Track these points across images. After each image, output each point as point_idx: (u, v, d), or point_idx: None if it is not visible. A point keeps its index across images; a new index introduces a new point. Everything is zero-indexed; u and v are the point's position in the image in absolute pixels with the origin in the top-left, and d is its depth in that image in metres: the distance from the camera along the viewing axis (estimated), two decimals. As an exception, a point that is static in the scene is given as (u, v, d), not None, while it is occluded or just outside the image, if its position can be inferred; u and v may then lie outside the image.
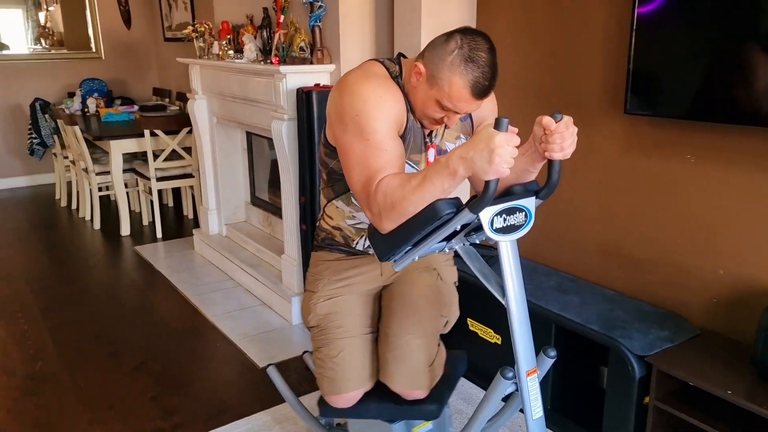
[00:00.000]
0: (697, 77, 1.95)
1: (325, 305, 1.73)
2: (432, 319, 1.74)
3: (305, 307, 1.78)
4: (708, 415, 1.81)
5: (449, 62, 1.38)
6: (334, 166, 1.61)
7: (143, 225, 4.79)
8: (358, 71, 1.53)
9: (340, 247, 1.76)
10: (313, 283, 1.79)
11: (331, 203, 1.69)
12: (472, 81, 1.38)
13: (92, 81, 5.79)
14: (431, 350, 1.71)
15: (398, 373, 1.65)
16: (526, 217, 1.40)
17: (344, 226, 1.70)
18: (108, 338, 2.97)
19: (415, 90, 1.49)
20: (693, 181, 2.05)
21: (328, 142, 1.60)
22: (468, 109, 1.46)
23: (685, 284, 2.12)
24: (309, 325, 1.77)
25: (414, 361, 1.67)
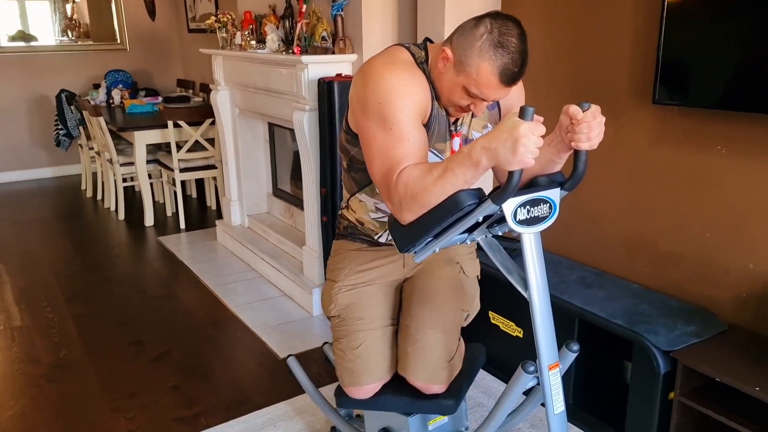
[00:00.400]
0: (728, 66, 1.89)
1: (347, 296, 1.72)
2: (453, 312, 1.72)
3: (326, 297, 1.77)
4: (734, 411, 1.77)
5: (478, 47, 1.34)
6: (356, 153, 1.59)
7: (167, 216, 4.84)
8: (382, 57, 1.49)
9: (363, 237, 1.74)
10: (334, 272, 1.77)
11: (355, 197, 1.68)
12: (502, 67, 1.34)
13: (117, 72, 5.85)
14: (451, 345, 1.69)
15: (418, 367, 1.64)
16: (551, 209, 1.37)
17: (367, 220, 1.68)
18: (131, 327, 3.00)
19: (441, 76, 1.45)
20: (723, 172, 1.99)
21: (350, 128, 1.57)
22: (496, 97, 1.42)
23: (714, 279, 2.07)
24: (329, 315, 1.75)
25: (434, 356, 1.65)
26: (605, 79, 2.28)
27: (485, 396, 2.39)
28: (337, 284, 1.74)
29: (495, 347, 2.49)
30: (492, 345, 2.50)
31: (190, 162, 4.52)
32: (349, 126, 1.58)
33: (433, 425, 1.80)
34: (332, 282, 1.76)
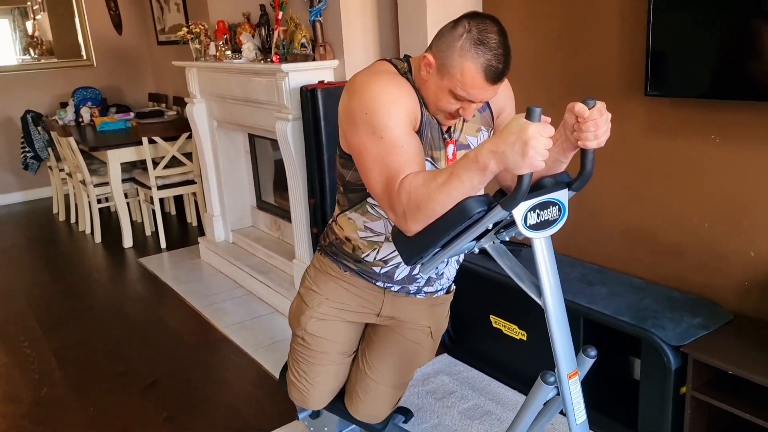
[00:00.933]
0: (718, 54, 1.87)
1: (316, 325, 1.73)
2: (410, 372, 1.87)
3: (294, 316, 1.79)
4: (747, 402, 1.74)
5: (459, 48, 1.32)
6: (351, 177, 1.55)
7: (146, 236, 4.71)
8: (365, 71, 1.47)
9: (347, 260, 1.68)
10: (309, 293, 1.75)
11: (344, 214, 1.62)
12: (485, 64, 1.31)
13: (85, 89, 5.69)
14: (398, 396, 1.89)
15: (363, 409, 1.84)
16: (560, 211, 1.32)
17: (355, 238, 1.62)
18: (116, 357, 2.89)
19: (426, 83, 1.42)
20: (719, 161, 1.97)
21: (343, 150, 1.53)
22: (483, 96, 1.38)
23: (715, 268, 2.04)
24: (294, 332, 1.80)
25: (380, 405, 1.85)
26: (595, 74, 2.25)
27: (493, 403, 2.33)
28: (309, 310, 1.73)
29: (498, 352, 2.44)
30: (495, 350, 2.45)
31: (167, 179, 4.41)
32: (341, 148, 1.54)
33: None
34: (303, 304, 1.76)
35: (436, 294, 1.78)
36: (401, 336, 1.80)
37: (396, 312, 1.75)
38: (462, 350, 2.63)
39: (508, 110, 1.61)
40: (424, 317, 1.80)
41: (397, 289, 1.70)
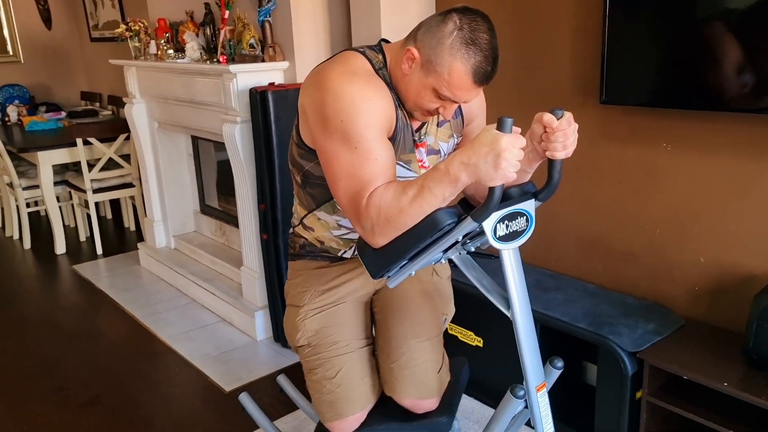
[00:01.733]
0: (669, 64, 1.91)
1: (316, 319, 1.55)
2: (432, 319, 1.61)
3: (290, 325, 1.59)
4: (700, 405, 1.78)
5: (449, 45, 1.25)
6: (311, 168, 1.44)
7: (80, 241, 4.46)
8: (337, 66, 1.34)
9: (324, 254, 1.59)
10: (297, 296, 1.60)
11: (312, 214, 1.53)
12: (475, 66, 1.25)
13: (12, 87, 5.36)
14: (437, 353, 1.59)
15: (406, 383, 1.52)
16: (528, 222, 1.30)
17: (329, 238, 1.54)
18: (52, 372, 2.70)
19: (406, 78, 1.33)
20: (670, 168, 2.01)
21: (303, 142, 1.42)
22: (467, 98, 1.33)
23: (667, 274, 2.09)
24: (297, 345, 1.58)
25: (421, 368, 1.53)
26: (550, 81, 2.26)
27: (449, 411, 2.30)
28: (302, 309, 1.56)
29: (454, 359, 2.42)
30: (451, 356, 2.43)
31: (103, 182, 4.19)
32: (302, 139, 1.43)
33: None
34: (296, 308, 1.59)
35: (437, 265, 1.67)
36: (405, 284, 1.56)
37: None
38: (417, 357, 2.60)
39: (479, 120, 1.56)
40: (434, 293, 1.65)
41: None
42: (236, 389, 2.47)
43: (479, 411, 2.30)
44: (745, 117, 1.80)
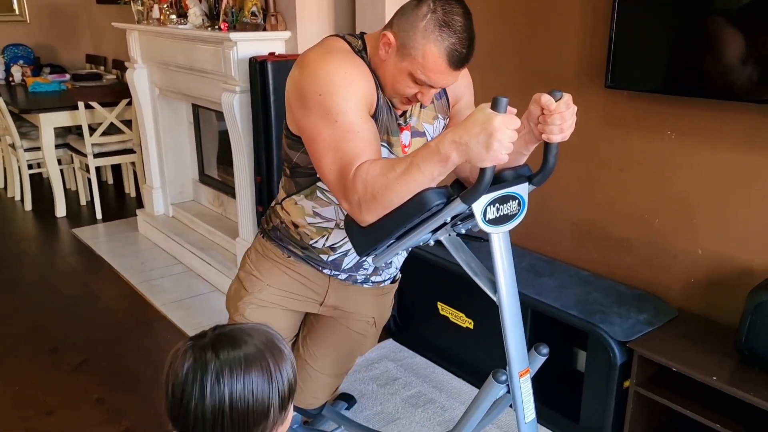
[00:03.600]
0: (678, 50, 1.86)
1: (255, 312, 1.63)
2: (350, 361, 1.85)
3: (232, 300, 1.68)
4: (689, 397, 1.77)
5: (422, 28, 1.24)
6: (299, 159, 1.45)
7: (81, 205, 4.45)
8: (316, 48, 1.36)
9: (292, 245, 1.59)
10: (249, 278, 1.65)
11: (290, 198, 1.52)
12: (449, 48, 1.24)
13: (16, 47, 5.31)
14: (337, 385, 1.88)
15: (300, 397, 1.77)
16: (519, 206, 1.28)
17: (303, 224, 1.53)
18: (46, 333, 2.71)
19: (383, 64, 1.33)
20: (673, 157, 1.97)
21: (290, 130, 1.43)
22: (444, 82, 1.31)
23: (663, 264, 2.06)
24: (231, 317, 1.69)
25: (319, 393, 1.82)
26: (555, 64, 2.21)
27: (436, 391, 2.31)
28: (248, 296, 1.64)
29: (444, 339, 2.41)
30: (441, 337, 2.42)
31: (105, 146, 4.17)
32: (288, 128, 1.44)
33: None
34: (243, 290, 1.65)
35: (383, 283, 1.72)
36: (345, 327, 1.75)
37: (340, 302, 1.68)
38: (407, 336, 2.60)
39: (466, 99, 1.54)
40: (370, 307, 1.74)
41: (343, 278, 1.63)
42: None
43: (467, 392, 2.29)
44: (753, 108, 1.75)
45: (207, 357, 0.86)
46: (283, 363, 0.90)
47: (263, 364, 0.88)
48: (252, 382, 0.86)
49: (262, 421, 0.88)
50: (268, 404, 0.88)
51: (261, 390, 0.87)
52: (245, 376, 0.86)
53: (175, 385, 0.87)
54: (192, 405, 0.86)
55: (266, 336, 0.92)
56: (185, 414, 0.87)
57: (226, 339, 0.89)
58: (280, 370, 0.89)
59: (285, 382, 0.89)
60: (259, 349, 0.89)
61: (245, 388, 0.86)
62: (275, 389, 0.88)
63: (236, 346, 0.88)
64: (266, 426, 0.89)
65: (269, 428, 0.90)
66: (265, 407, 0.88)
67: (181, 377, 0.87)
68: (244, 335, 0.90)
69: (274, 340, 0.92)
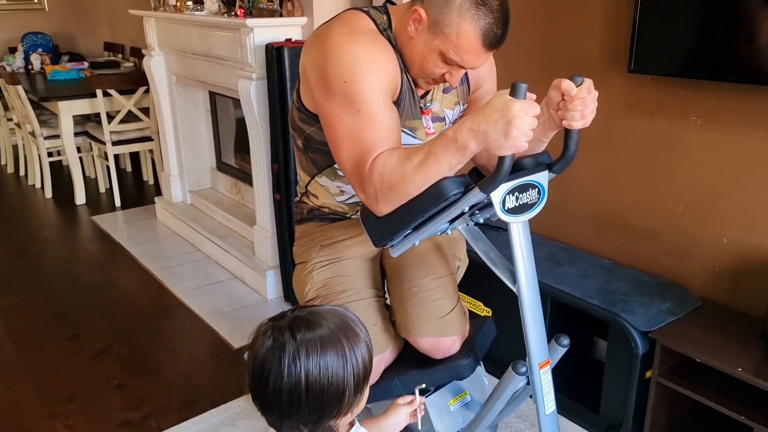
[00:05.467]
0: (705, 32, 1.80)
1: (323, 271, 1.53)
2: (445, 261, 1.58)
3: (299, 282, 1.58)
4: (711, 389, 1.73)
5: (458, 6, 1.18)
6: (312, 132, 1.40)
7: (100, 192, 4.49)
8: (340, 25, 1.30)
9: (332, 216, 1.56)
10: (303, 253, 1.59)
11: (314, 181, 1.50)
12: (485, 28, 1.19)
13: (35, 35, 5.34)
14: (451, 290, 1.55)
15: (421, 321, 1.48)
16: (539, 195, 1.25)
17: (333, 204, 1.51)
18: (66, 320, 2.75)
19: (411, 42, 1.28)
20: (698, 144, 1.92)
21: (305, 106, 1.38)
22: (476, 63, 1.27)
23: (687, 253, 2.01)
24: (307, 299, 1.56)
25: (437, 304, 1.50)
26: (577, 47, 2.16)
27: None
28: (309, 263, 1.55)
29: (462, 328, 2.39)
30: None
31: (123, 134, 4.19)
32: (302, 103, 1.39)
33: (456, 404, 1.61)
34: (303, 264, 1.57)
35: None
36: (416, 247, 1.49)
37: None
38: (426, 324, 2.58)
39: (488, 85, 1.50)
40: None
41: None
42: (244, 346, 2.48)
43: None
44: (782, 92, 1.69)
45: (284, 338, 0.90)
46: (357, 345, 0.92)
47: (338, 346, 0.90)
48: (327, 363, 0.89)
49: (338, 403, 0.91)
50: (343, 386, 0.90)
51: (336, 371, 0.89)
52: (321, 357, 0.88)
53: (255, 364, 0.91)
54: (270, 384, 0.89)
55: (342, 319, 0.94)
56: (264, 391, 0.91)
57: (302, 321, 0.92)
58: (354, 352, 0.91)
59: (360, 364, 0.91)
60: (334, 331, 0.91)
61: (320, 369, 0.88)
62: (350, 371, 0.90)
63: (312, 328, 0.91)
64: (341, 407, 0.91)
65: (344, 409, 0.92)
66: (341, 388, 0.90)
67: (260, 357, 0.91)
68: (320, 318, 0.93)
69: (349, 323, 0.94)
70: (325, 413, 0.91)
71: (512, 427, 2.03)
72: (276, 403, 0.90)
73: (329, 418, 0.92)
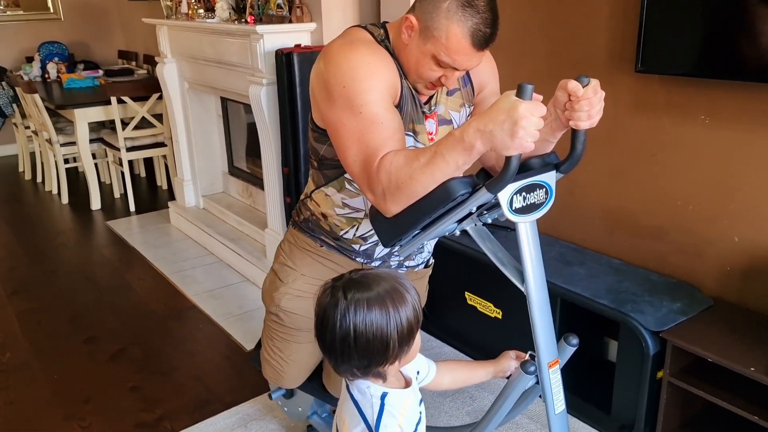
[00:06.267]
0: (711, 31, 1.80)
1: (291, 303, 1.63)
2: None
3: (267, 292, 1.68)
4: (723, 389, 1.73)
5: (445, 9, 1.22)
6: (325, 152, 1.45)
7: (114, 198, 4.56)
8: (339, 40, 1.36)
9: (324, 236, 1.60)
10: (283, 269, 1.65)
11: (320, 190, 1.53)
12: (472, 28, 1.22)
13: (51, 44, 5.43)
14: None
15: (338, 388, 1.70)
16: (547, 195, 1.26)
17: (332, 215, 1.53)
18: (82, 323, 2.79)
19: (406, 49, 1.32)
20: (707, 142, 1.92)
21: (315, 123, 1.43)
22: (468, 64, 1.29)
23: (697, 252, 2.01)
24: (268, 309, 1.70)
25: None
26: (584, 48, 2.17)
27: (465, 381, 2.30)
28: (282, 287, 1.63)
29: (472, 329, 2.40)
30: (469, 327, 2.42)
31: (137, 140, 4.25)
32: (314, 121, 1.44)
33: None
34: (278, 280, 1.65)
35: (417, 268, 1.71)
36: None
37: None
38: (435, 326, 2.59)
39: (491, 87, 1.52)
40: None
41: (377, 265, 1.63)
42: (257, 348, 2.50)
43: (496, 382, 2.28)
44: (791, 90, 1.69)
45: (338, 296, 1.06)
46: (402, 306, 1.06)
47: (383, 305, 1.04)
48: (372, 319, 1.03)
49: (383, 353, 1.06)
50: (387, 339, 1.04)
51: (380, 327, 1.04)
52: (367, 314, 1.03)
53: (318, 315, 1.09)
54: (327, 332, 1.06)
55: (391, 283, 1.07)
56: (323, 338, 1.08)
57: (355, 283, 1.07)
58: (398, 312, 1.05)
59: (404, 322, 1.05)
60: (381, 294, 1.05)
61: (366, 324, 1.03)
62: (393, 327, 1.04)
63: (363, 289, 1.05)
64: (387, 357, 1.06)
65: (390, 357, 1.07)
66: (385, 342, 1.04)
67: (321, 310, 1.08)
68: (372, 281, 1.07)
69: (397, 287, 1.07)
70: (372, 361, 1.07)
71: (523, 428, 2.03)
72: (333, 348, 1.07)
73: (377, 366, 1.08)
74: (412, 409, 1.16)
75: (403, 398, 1.14)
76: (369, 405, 1.10)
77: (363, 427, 1.10)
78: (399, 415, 1.12)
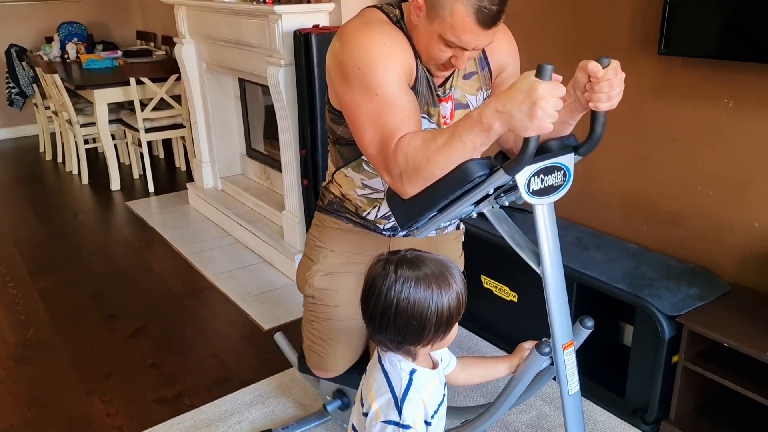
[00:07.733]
0: (737, 12, 1.76)
1: (323, 280, 1.63)
2: None
3: (301, 275, 1.69)
4: (738, 374, 1.72)
5: None
6: (342, 133, 1.45)
7: (134, 179, 4.61)
8: (354, 20, 1.36)
9: (348, 215, 1.60)
10: (313, 250, 1.66)
11: (340, 171, 1.54)
12: (477, 6, 1.19)
13: (71, 24, 5.46)
14: None
15: None
16: (565, 177, 1.26)
17: (354, 196, 1.54)
18: (103, 301, 2.84)
19: (416, 29, 1.31)
20: (730, 127, 1.89)
21: (332, 104, 1.44)
22: (476, 43, 1.27)
23: (716, 238, 1.99)
24: (304, 293, 1.69)
25: None
26: (606, 29, 2.14)
27: (480, 363, 2.31)
28: (314, 266, 1.64)
29: (488, 312, 2.41)
30: (485, 310, 2.42)
31: (155, 121, 4.28)
32: (330, 103, 1.45)
33: None
34: (309, 261, 1.66)
35: (446, 230, 1.70)
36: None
37: None
38: (452, 308, 2.60)
39: (511, 69, 1.50)
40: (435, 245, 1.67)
41: (403, 234, 1.63)
42: (273, 328, 2.54)
43: (510, 364, 2.29)
44: (817, 73, 1.66)
45: (389, 269, 1.10)
46: (446, 290, 1.09)
47: (428, 287, 1.08)
48: (415, 298, 1.07)
49: (419, 333, 1.10)
50: (425, 321, 1.08)
51: (421, 307, 1.08)
52: (412, 291, 1.08)
53: (366, 282, 1.13)
54: (372, 301, 1.11)
55: (440, 268, 1.11)
56: (367, 305, 1.13)
57: (407, 261, 1.11)
58: (442, 296, 1.08)
59: (444, 306, 1.09)
60: (428, 275, 1.09)
61: (408, 301, 1.08)
62: (433, 309, 1.08)
63: (412, 268, 1.09)
64: (421, 338, 1.11)
65: (424, 340, 1.11)
66: (423, 322, 1.09)
67: (371, 278, 1.12)
68: (422, 263, 1.11)
69: (445, 272, 1.11)
70: (406, 338, 1.11)
71: (537, 410, 2.05)
72: (374, 317, 1.12)
73: (409, 344, 1.12)
74: (437, 390, 1.19)
75: (430, 377, 1.18)
76: (398, 378, 1.14)
77: (389, 398, 1.14)
78: (424, 392, 1.15)
